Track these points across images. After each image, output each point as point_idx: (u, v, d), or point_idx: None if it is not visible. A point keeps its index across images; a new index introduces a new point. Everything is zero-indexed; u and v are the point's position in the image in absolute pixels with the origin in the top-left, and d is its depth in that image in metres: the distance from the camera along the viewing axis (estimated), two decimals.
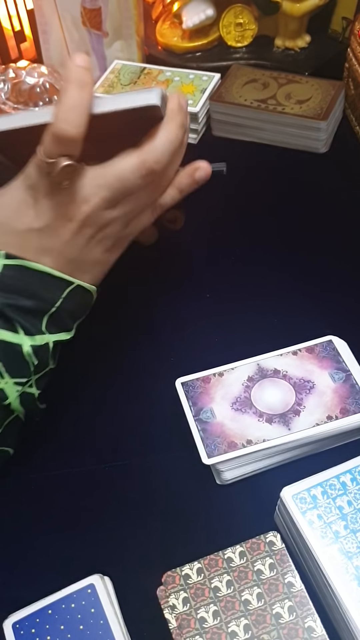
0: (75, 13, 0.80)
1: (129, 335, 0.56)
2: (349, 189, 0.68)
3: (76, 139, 0.38)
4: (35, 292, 0.41)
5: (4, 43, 0.88)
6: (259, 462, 0.46)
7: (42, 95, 0.76)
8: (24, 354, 0.41)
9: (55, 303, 0.42)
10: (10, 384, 0.42)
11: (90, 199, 0.40)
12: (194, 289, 0.59)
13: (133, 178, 0.40)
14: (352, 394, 0.47)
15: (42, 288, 0.41)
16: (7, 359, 0.41)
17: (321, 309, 0.57)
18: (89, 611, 0.38)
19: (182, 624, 0.38)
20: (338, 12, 0.81)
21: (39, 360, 0.43)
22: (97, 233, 0.42)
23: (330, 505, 0.40)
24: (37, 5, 0.81)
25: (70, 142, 0.38)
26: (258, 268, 0.61)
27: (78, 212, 0.41)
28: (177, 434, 0.48)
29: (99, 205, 0.41)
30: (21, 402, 0.43)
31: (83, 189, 0.40)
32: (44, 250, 0.41)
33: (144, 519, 0.45)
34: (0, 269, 0.40)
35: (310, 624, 0.37)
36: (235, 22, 0.83)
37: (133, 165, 0.40)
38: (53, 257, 0.41)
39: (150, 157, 0.41)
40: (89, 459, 0.49)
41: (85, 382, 0.53)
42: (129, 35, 0.81)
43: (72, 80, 0.38)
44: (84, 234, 0.42)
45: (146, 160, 0.40)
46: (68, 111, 0.38)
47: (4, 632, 0.38)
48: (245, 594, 0.38)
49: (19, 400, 0.43)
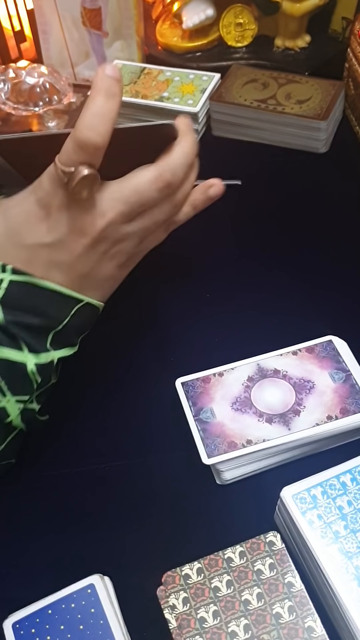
0: (75, 13, 0.80)
1: (129, 335, 0.56)
2: (349, 188, 0.68)
3: (100, 147, 0.37)
4: (43, 310, 0.40)
5: (4, 43, 0.88)
6: (259, 462, 0.46)
7: (42, 95, 0.76)
8: (28, 372, 0.40)
9: (62, 321, 0.41)
10: (12, 402, 0.40)
11: (107, 213, 0.39)
12: (194, 289, 0.59)
13: (150, 191, 0.40)
14: (352, 394, 0.47)
15: (50, 306, 0.40)
16: (10, 378, 0.40)
17: (321, 309, 0.57)
18: (89, 611, 0.38)
19: (182, 624, 0.38)
20: (338, 12, 0.81)
21: (42, 378, 0.41)
22: (111, 248, 0.41)
23: (330, 505, 0.40)
24: (37, 5, 0.81)
25: (94, 150, 0.37)
26: (258, 268, 0.61)
27: (93, 227, 0.39)
28: (177, 434, 0.48)
29: (115, 219, 0.40)
30: (22, 418, 0.42)
31: (99, 202, 0.39)
32: (54, 265, 0.40)
33: (144, 519, 0.45)
34: (7, 285, 0.38)
35: (310, 624, 0.37)
36: (235, 22, 0.83)
37: (150, 178, 0.39)
38: (63, 272, 0.40)
39: (167, 169, 0.40)
40: (89, 459, 0.49)
41: (85, 382, 0.53)
42: (129, 35, 0.81)
43: (100, 89, 0.37)
44: (98, 249, 0.40)
45: (163, 173, 0.40)
46: (94, 118, 0.37)
47: (4, 632, 0.38)
48: (245, 594, 0.38)
49: (20, 417, 0.42)
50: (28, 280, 0.39)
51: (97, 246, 0.40)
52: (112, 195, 0.39)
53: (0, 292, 0.38)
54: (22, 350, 0.40)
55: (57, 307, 0.40)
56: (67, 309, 0.41)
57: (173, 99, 0.75)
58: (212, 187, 0.47)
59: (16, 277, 0.39)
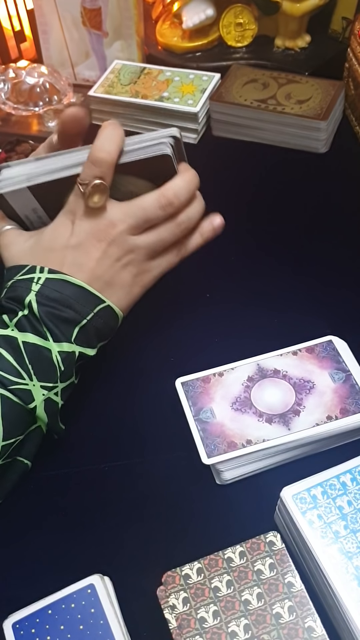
0: (75, 13, 0.80)
1: (129, 335, 0.56)
2: (349, 188, 0.68)
3: (109, 163, 0.46)
4: (70, 303, 0.46)
5: (4, 43, 0.88)
6: (259, 462, 0.46)
7: (42, 95, 0.76)
8: (53, 358, 0.45)
9: (87, 316, 0.46)
10: (38, 387, 0.44)
11: (118, 224, 0.47)
12: (194, 289, 0.59)
13: (153, 207, 0.48)
14: (352, 394, 0.47)
15: (77, 300, 0.46)
16: (36, 362, 0.44)
17: (321, 309, 0.57)
18: (89, 611, 0.38)
19: (182, 624, 0.38)
20: (338, 12, 0.81)
21: (65, 367, 0.45)
22: (122, 256, 0.48)
23: (330, 505, 0.40)
24: (37, 5, 0.81)
25: (103, 164, 0.46)
26: (258, 268, 0.61)
27: (107, 234, 0.47)
28: (177, 434, 0.48)
29: (124, 230, 0.47)
30: (45, 408, 0.45)
31: (112, 215, 0.47)
32: (77, 266, 0.47)
33: (144, 519, 0.45)
34: (43, 281, 0.46)
35: (310, 624, 0.37)
36: (235, 22, 0.83)
37: (154, 197, 0.48)
38: (85, 272, 0.47)
39: (169, 190, 0.48)
40: (89, 459, 0.49)
41: (85, 381, 0.53)
42: (129, 35, 0.81)
43: (107, 125, 0.48)
44: (111, 255, 0.48)
45: (165, 193, 0.48)
46: (104, 141, 0.46)
47: (4, 632, 0.38)
48: (245, 594, 0.38)
49: (43, 405, 0.45)
50: (61, 278, 0.46)
51: (110, 252, 0.48)
52: (122, 209, 0.48)
53: (37, 287, 0.46)
54: (47, 339, 0.45)
55: (83, 302, 0.46)
56: (91, 305, 0.47)
57: (173, 99, 0.75)
58: (215, 219, 0.53)
59: (51, 275, 0.46)
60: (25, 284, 0.46)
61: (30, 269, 0.47)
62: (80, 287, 0.46)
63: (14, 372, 0.43)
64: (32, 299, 0.45)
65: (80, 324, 0.46)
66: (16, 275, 0.47)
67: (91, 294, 0.47)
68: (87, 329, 0.47)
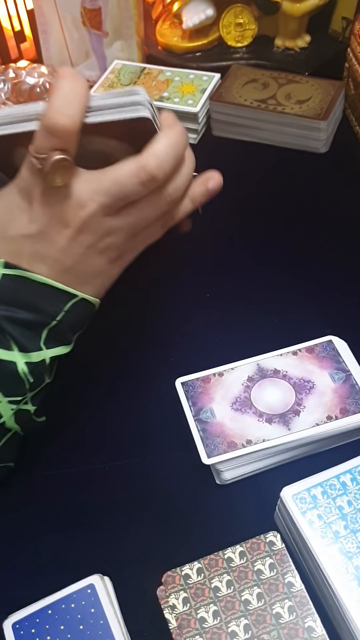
0: (75, 13, 0.80)
1: (128, 335, 0.56)
2: (349, 188, 0.68)
3: (70, 130, 0.35)
4: (35, 304, 0.39)
5: (4, 43, 0.88)
6: (259, 462, 0.46)
7: (42, 95, 0.76)
8: (19, 372, 0.39)
9: (56, 316, 0.40)
10: (5, 403, 0.40)
11: (87, 203, 0.37)
12: (194, 289, 0.59)
13: (131, 183, 0.37)
14: (352, 394, 0.47)
15: (42, 300, 0.39)
16: (0, 378, 0.39)
17: (321, 309, 0.57)
18: (89, 611, 0.38)
19: (182, 624, 0.38)
20: (338, 12, 0.81)
21: (34, 378, 0.40)
22: (97, 242, 0.39)
23: (330, 505, 0.40)
24: (37, 5, 0.81)
25: (64, 134, 0.35)
26: (258, 268, 0.61)
27: (74, 218, 0.38)
28: (177, 434, 0.48)
29: (97, 211, 0.38)
30: (16, 420, 0.41)
31: (79, 192, 0.37)
32: (38, 258, 0.38)
33: (144, 519, 0.45)
34: None
35: (310, 624, 0.37)
36: (235, 22, 0.83)
37: (132, 170, 0.37)
38: (48, 265, 0.39)
39: (151, 162, 0.37)
40: (89, 459, 0.49)
41: (85, 381, 0.53)
42: (129, 35, 0.81)
43: (65, 74, 0.36)
44: (82, 242, 0.39)
45: (146, 165, 0.37)
46: (61, 100, 0.35)
47: (3, 632, 0.38)
48: (245, 594, 0.38)
49: (13, 418, 0.41)
50: (20, 274, 0.38)
51: (80, 238, 0.39)
52: (92, 186, 0.37)
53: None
54: (10, 350, 0.39)
55: (49, 301, 0.39)
56: (61, 303, 0.40)
57: (173, 99, 0.75)
58: (210, 180, 0.44)
59: (8, 271, 0.38)
60: None
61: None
62: (44, 284, 0.38)
63: None
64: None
65: (50, 326, 0.40)
66: None
67: (59, 290, 0.39)
68: (58, 329, 0.40)
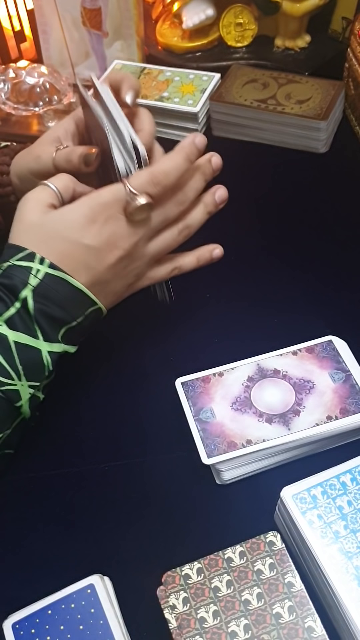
0: (75, 13, 0.80)
1: (129, 335, 0.56)
2: (349, 188, 0.68)
3: (167, 190, 0.45)
4: (66, 304, 0.44)
5: (4, 43, 0.88)
6: (259, 462, 0.46)
7: (42, 95, 0.76)
8: (43, 359, 0.44)
9: (77, 318, 0.45)
10: (25, 387, 0.44)
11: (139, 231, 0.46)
12: (194, 289, 0.59)
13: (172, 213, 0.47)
14: (352, 394, 0.47)
15: (72, 302, 0.44)
16: (27, 363, 0.43)
17: (321, 309, 0.57)
18: (89, 611, 0.38)
19: (182, 624, 0.38)
20: (338, 12, 0.81)
21: (53, 367, 0.45)
22: (129, 265, 0.47)
23: (330, 505, 0.40)
24: (37, 5, 0.81)
25: (162, 189, 0.45)
26: (258, 268, 0.61)
27: (126, 243, 0.45)
28: (177, 434, 0.48)
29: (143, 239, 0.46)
30: (30, 405, 0.45)
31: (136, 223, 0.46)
32: (84, 266, 0.44)
33: (144, 519, 0.45)
34: (42, 276, 0.43)
35: (310, 624, 0.37)
36: (235, 22, 0.83)
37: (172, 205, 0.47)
38: (89, 275, 0.45)
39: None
40: (88, 459, 0.49)
41: (85, 381, 0.53)
42: (129, 35, 0.81)
43: (183, 150, 0.46)
44: (122, 264, 0.46)
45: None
46: (173, 169, 0.45)
47: (3, 633, 0.38)
48: (245, 594, 0.38)
49: (28, 403, 0.44)
50: (61, 276, 0.44)
51: (124, 262, 0.46)
52: None
53: (35, 281, 0.43)
54: (37, 338, 0.43)
55: (77, 304, 0.45)
56: (84, 308, 0.45)
57: (173, 99, 0.75)
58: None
59: (51, 271, 0.43)
60: (22, 274, 0.43)
61: (29, 256, 0.44)
62: (79, 289, 0.45)
63: (4, 373, 0.42)
64: (28, 295, 0.43)
65: (69, 325, 0.45)
66: (13, 258, 0.44)
67: (88, 297, 0.45)
68: (74, 330, 0.45)
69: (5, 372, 0.42)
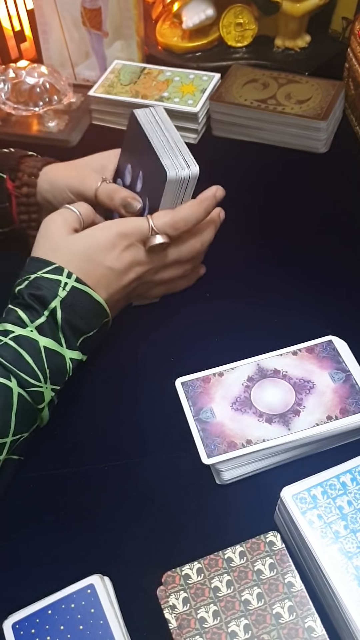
0: (75, 13, 0.80)
1: (129, 335, 0.56)
2: (349, 188, 0.68)
3: (183, 233, 0.52)
4: (86, 315, 0.48)
5: (4, 43, 0.88)
6: (259, 462, 0.46)
7: (42, 95, 0.76)
8: (66, 364, 0.47)
9: (94, 329, 0.49)
10: (49, 390, 0.46)
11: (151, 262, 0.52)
12: (194, 289, 0.59)
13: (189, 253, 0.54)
14: (352, 394, 0.47)
15: (92, 314, 0.49)
16: (54, 367, 0.46)
17: (321, 309, 0.56)
18: (89, 611, 0.38)
19: (182, 624, 0.38)
20: (338, 12, 0.81)
21: (72, 372, 0.48)
22: (137, 287, 0.54)
23: (330, 505, 0.40)
24: (37, 5, 0.81)
25: (179, 234, 0.51)
26: (258, 268, 0.61)
27: (141, 270, 0.52)
28: (177, 434, 0.48)
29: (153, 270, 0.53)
30: (49, 408, 0.47)
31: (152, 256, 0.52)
32: (104, 284, 0.50)
33: (144, 519, 0.45)
34: (70, 289, 0.47)
35: (310, 624, 0.37)
36: (235, 22, 0.83)
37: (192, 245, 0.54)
38: (108, 292, 0.50)
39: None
40: (88, 459, 0.49)
41: (85, 381, 0.53)
42: (129, 35, 0.81)
43: (205, 203, 0.52)
44: (132, 286, 0.53)
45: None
46: (192, 219, 0.51)
47: (3, 632, 0.38)
48: (245, 594, 0.38)
49: (47, 406, 0.47)
50: (85, 290, 0.48)
51: (135, 285, 0.53)
52: None
53: (63, 293, 0.47)
54: (62, 345, 0.47)
55: (96, 317, 0.49)
56: (100, 320, 0.50)
57: (173, 99, 0.75)
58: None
59: (78, 285, 0.48)
60: (51, 286, 0.47)
61: (57, 269, 0.48)
62: (99, 303, 0.49)
63: (32, 375, 0.45)
64: (57, 306, 0.46)
65: (87, 335, 0.48)
66: (40, 271, 0.48)
67: (105, 310, 0.49)
68: (90, 339, 0.49)
69: (33, 374, 0.45)
